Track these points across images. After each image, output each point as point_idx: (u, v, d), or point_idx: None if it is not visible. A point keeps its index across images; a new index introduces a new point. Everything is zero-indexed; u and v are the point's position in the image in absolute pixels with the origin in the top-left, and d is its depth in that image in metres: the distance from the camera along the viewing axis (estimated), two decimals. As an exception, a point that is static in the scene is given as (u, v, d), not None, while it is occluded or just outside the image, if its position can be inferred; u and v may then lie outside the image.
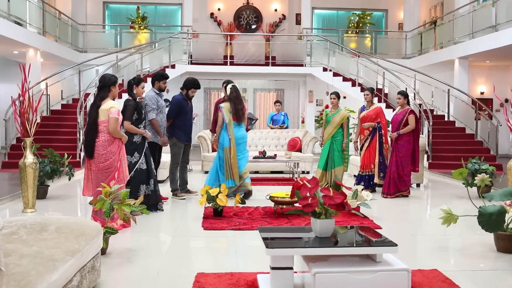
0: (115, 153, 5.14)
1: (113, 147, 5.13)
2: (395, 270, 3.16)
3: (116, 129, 5.10)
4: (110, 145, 5.11)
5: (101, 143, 5.09)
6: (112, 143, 5.13)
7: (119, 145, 5.24)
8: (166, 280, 3.87)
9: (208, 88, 18.84)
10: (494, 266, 4.30)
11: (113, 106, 5.07)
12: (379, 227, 5.64)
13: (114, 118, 5.05)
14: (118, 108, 5.15)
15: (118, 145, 5.22)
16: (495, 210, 4.46)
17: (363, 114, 8.13)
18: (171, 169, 7.42)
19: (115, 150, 5.15)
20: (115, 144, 5.15)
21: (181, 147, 7.36)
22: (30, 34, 12.10)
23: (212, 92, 19.13)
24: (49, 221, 3.48)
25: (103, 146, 5.10)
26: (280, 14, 18.53)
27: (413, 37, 16.36)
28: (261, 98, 19.45)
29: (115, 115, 5.04)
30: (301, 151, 11.14)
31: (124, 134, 5.39)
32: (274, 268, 3.33)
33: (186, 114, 7.40)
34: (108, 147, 5.10)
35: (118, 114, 5.11)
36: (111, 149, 5.12)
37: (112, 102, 5.16)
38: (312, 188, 3.31)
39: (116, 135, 5.15)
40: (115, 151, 5.14)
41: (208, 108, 19.13)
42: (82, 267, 3.19)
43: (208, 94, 19.12)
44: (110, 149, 5.12)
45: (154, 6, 18.40)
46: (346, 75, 14.24)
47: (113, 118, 5.05)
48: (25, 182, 6.21)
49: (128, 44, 16.14)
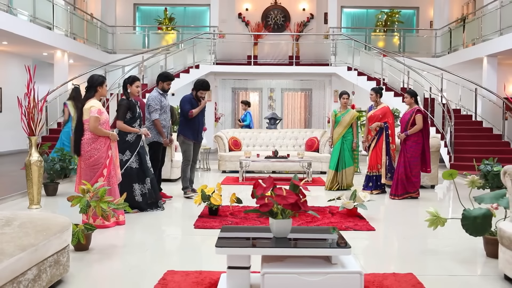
0: (100, 149, 5.29)
1: (97, 144, 5.29)
2: (347, 272, 3.09)
3: (97, 128, 5.25)
4: (94, 143, 5.29)
5: (85, 141, 5.28)
6: (96, 141, 5.30)
7: (105, 142, 5.37)
8: (134, 276, 3.92)
9: (236, 88, 18.92)
10: (475, 272, 4.15)
11: (93, 105, 5.22)
12: (372, 229, 5.55)
13: (94, 117, 5.21)
14: (99, 107, 5.29)
15: (104, 142, 5.36)
16: (480, 214, 4.29)
17: (371, 114, 8.00)
18: (182, 167, 7.50)
19: (100, 147, 5.30)
20: (100, 142, 5.30)
21: (189, 144, 7.41)
22: (57, 37, 12.51)
23: (240, 92, 19.20)
24: (18, 217, 3.60)
25: (88, 143, 5.29)
26: (308, 14, 18.42)
27: (443, 35, 15.92)
28: (289, 98, 19.37)
29: (95, 114, 5.20)
30: (318, 151, 11.03)
31: (110, 132, 5.49)
32: (230, 267, 3.33)
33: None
34: (93, 144, 5.28)
35: (99, 113, 5.25)
36: (96, 146, 5.29)
37: (93, 101, 5.31)
38: (266, 188, 3.28)
39: (98, 133, 5.29)
40: (100, 148, 5.29)
41: (236, 108, 19.22)
42: (41, 261, 3.28)
43: (236, 94, 19.19)
44: (95, 146, 5.28)
45: (183, 7, 18.67)
46: (371, 74, 14.01)
47: (92, 117, 5.21)
48: (30, 179, 6.43)
49: (155, 45, 16.44)
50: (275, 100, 19.18)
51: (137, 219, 5.91)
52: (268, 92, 19.15)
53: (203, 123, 7.64)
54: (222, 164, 10.68)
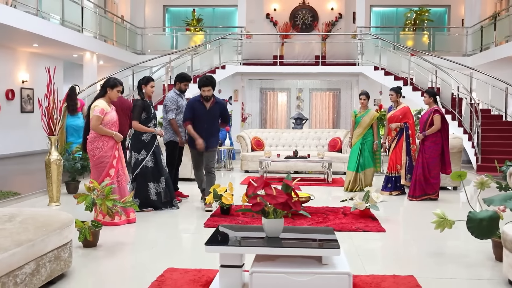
0: (102, 149, 5.41)
1: (99, 144, 5.41)
2: (335, 273, 3.08)
3: (97, 127, 5.36)
4: (96, 141, 5.41)
5: (89, 139, 5.44)
6: (98, 140, 5.42)
7: (108, 142, 5.48)
8: (136, 273, 4.01)
9: (264, 89, 18.96)
10: (479, 276, 4.04)
11: (97, 105, 5.36)
12: (383, 230, 5.48)
13: (95, 116, 5.34)
14: (102, 107, 5.40)
15: (107, 142, 5.46)
16: (487, 216, 4.19)
17: (390, 114, 7.88)
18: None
19: (102, 146, 5.42)
20: (102, 141, 5.42)
21: (193, 151, 6.73)
22: (86, 39, 12.83)
23: (268, 92, 19.22)
24: (22, 213, 3.75)
25: (91, 142, 5.43)
26: (337, 13, 18.28)
27: (474, 33, 15.52)
28: (317, 98, 19.26)
29: (97, 113, 5.33)
30: (341, 151, 10.94)
31: (114, 132, 5.58)
32: (222, 266, 3.36)
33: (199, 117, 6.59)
34: (94, 143, 5.41)
35: (101, 113, 5.36)
36: (97, 145, 5.41)
37: (98, 101, 5.44)
38: (257, 187, 3.30)
39: (99, 132, 5.41)
40: (102, 147, 5.41)
41: (264, 108, 19.25)
42: (39, 257, 3.39)
43: (264, 94, 19.22)
44: (96, 145, 5.41)
45: (212, 8, 18.83)
46: (398, 74, 13.79)
47: (94, 116, 5.34)
48: (50, 177, 6.64)
49: (183, 46, 16.65)
50: (303, 100, 19.12)
51: (150, 217, 6.01)
52: (296, 92, 19.11)
53: (211, 132, 6.58)
54: (244, 164, 10.73)
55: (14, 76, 13.32)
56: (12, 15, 9.81)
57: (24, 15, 10.21)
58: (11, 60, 13.16)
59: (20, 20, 10.02)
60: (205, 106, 6.53)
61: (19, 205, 6.69)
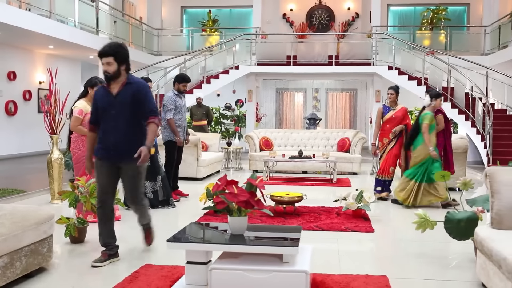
0: (81, 148, 5.55)
1: (79, 143, 5.58)
2: (292, 271, 3.11)
3: (76, 127, 5.51)
4: (76, 141, 5.57)
5: (72, 139, 5.59)
6: (78, 139, 5.57)
7: None
8: (113, 268, 4.11)
9: (279, 89, 19.00)
10: (454, 277, 4.00)
11: (76, 106, 5.52)
12: (371, 231, 5.47)
13: (74, 117, 5.50)
14: (81, 107, 5.54)
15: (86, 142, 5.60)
16: (464, 217, 4.15)
17: (390, 115, 7.73)
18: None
19: (81, 146, 5.56)
20: (82, 140, 5.57)
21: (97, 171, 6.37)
22: (100, 40, 13.07)
23: (284, 93, 19.25)
24: (2, 209, 3.88)
25: (72, 142, 5.60)
26: (353, 13, 18.19)
27: (492, 31, 15.21)
28: (333, 98, 19.19)
29: (75, 114, 5.48)
30: (349, 151, 10.89)
31: None
32: (188, 262, 3.44)
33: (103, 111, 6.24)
34: (75, 143, 5.57)
35: (80, 114, 5.50)
36: (77, 144, 5.58)
37: (79, 102, 5.59)
38: (220, 186, 3.36)
39: (78, 132, 5.55)
40: (81, 147, 5.55)
41: (281, 108, 19.29)
42: (14, 251, 3.52)
43: (280, 95, 19.26)
44: (76, 145, 5.58)
45: (229, 9, 18.95)
46: (412, 74, 13.63)
47: (73, 117, 5.50)
48: (51, 176, 6.85)
49: (199, 47, 16.80)
50: (319, 100, 19.09)
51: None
52: (312, 93, 19.09)
53: (124, 134, 4.19)
54: (252, 164, 10.79)
55: (32, 77, 13.69)
56: (26, 18, 10.09)
57: (38, 18, 10.50)
58: (28, 62, 13.54)
59: (34, 23, 10.30)
60: (111, 93, 4.15)
61: (22, 202, 6.91)
